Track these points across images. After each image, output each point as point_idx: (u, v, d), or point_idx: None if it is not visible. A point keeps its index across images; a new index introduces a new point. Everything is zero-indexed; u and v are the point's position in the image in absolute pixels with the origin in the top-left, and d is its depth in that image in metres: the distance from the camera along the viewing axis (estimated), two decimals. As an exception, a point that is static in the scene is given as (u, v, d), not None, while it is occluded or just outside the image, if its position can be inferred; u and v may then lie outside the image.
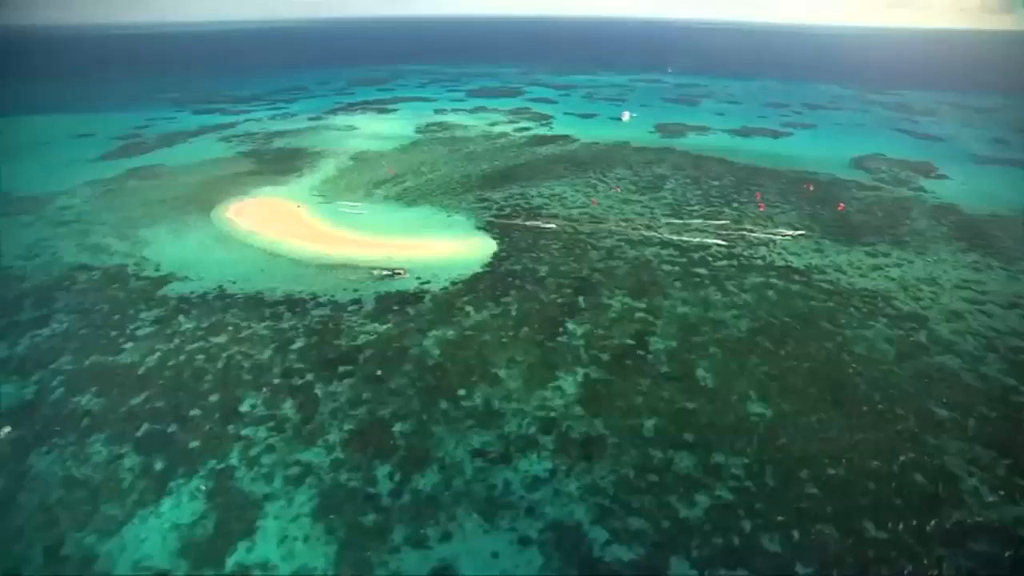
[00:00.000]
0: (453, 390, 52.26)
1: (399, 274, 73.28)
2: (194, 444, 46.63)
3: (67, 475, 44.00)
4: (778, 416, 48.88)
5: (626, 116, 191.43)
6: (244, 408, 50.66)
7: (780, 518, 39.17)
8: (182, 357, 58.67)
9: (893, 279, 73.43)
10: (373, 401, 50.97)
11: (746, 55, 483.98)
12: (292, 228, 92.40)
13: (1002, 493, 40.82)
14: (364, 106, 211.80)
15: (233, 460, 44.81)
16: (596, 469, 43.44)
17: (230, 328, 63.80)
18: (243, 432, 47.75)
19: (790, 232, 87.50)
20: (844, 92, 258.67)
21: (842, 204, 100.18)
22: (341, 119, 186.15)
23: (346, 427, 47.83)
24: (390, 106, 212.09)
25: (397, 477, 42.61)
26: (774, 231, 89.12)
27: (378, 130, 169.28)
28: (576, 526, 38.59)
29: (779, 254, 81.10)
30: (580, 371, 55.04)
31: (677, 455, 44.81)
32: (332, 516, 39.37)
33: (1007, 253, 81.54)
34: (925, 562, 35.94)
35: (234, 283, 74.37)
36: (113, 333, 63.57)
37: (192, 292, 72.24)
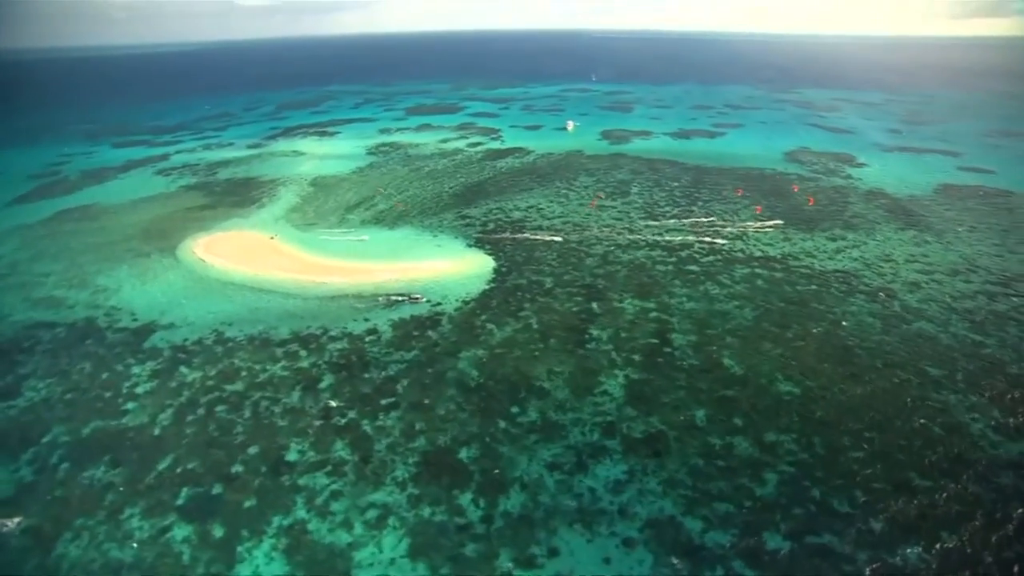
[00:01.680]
0: (505, 408, 52.56)
1: (416, 299, 72.11)
2: (250, 503, 43.59)
3: (110, 560, 39.62)
4: (806, 392, 53.75)
5: (571, 126, 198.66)
6: (292, 456, 47.98)
7: (840, 482, 43.33)
8: (200, 411, 54.41)
9: (855, 259, 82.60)
10: (428, 430, 50.13)
11: (661, 62, 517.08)
12: (273, 261, 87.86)
13: (1003, 433, 47.69)
14: (303, 130, 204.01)
15: (301, 513, 42.42)
16: (668, 463, 45.66)
17: (243, 374, 59.91)
18: (300, 482, 45.27)
19: (769, 223, 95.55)
20: (755, 93, 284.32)
21: (811, 198, 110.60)
22: (283, 144, 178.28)
23: (410, 460, 46.74)
24: (331, 129, 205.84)
25: (482, 503, 42.39)
26: (744, 224, 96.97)
27: (327, 153, 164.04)
28: (670, 520, 40.49)
29: (754, 245, 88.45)
30: (619, 373, 57.30)
31: (733, 440, 48.09)
32: (431, 553, 38.51)
33: (935, 227, 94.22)
34: (967, 500, 41.30)
35: (229, 325, 69.74)
36: (107, 394, 57.63)
37: (185, 340, 66.91)
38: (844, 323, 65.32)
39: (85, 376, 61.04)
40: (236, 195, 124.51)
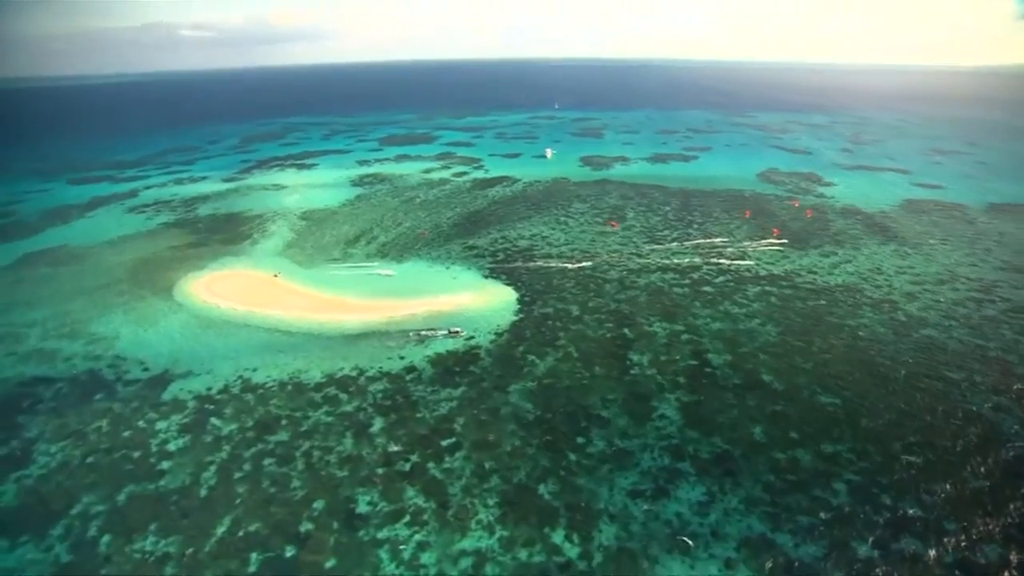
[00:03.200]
0: (571, 440, 52.61)
1: (456, 333, 71.33)
2: (331, 563, 41.36)
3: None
4: (846, 403, 56.78)
5: (549, 153, 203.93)
6: (363, 508, 46.01)
7: (904, 487, 45.82)
8: (246, 466, 51.44)
9: (852, 273, 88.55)
10: (500, 469, 49.42)
11: (616, 89, 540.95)
12: (285, 300, 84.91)
13: (1031, 429, 52.08)
14: (277, 162, 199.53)
15: (389, 569, 40.62)
16: (742, 481, 46.92)
17: (284, 423, 57.24)
18: (380, 535, 43.41)
19: (776, 242, 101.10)
20: (713, 117, 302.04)
21: (808, 210, 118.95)
22: (261, 178, 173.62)
23: (491, 502, 45.85)
24: (307, 161, 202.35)
25: (576, 539, 42.05)
26: (743, 244, 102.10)
27: (310, 186, 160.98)
28: (762, 537, 41.50)
29: (757, 264, 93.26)
30: (670, 397, 58.64)
31: (795, 453, 50.06)
32: (539, 595, 37.81)
33: (911, 241, 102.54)
34: (1008, 491, 44.66)
35: (254, 370, 66.65)
36: (135, 454, 53.61)
37: (209, 389, 63.35)
38: (860, 333, 69.69)
39: (104, 435, 56.57)
40: (223, 232, 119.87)
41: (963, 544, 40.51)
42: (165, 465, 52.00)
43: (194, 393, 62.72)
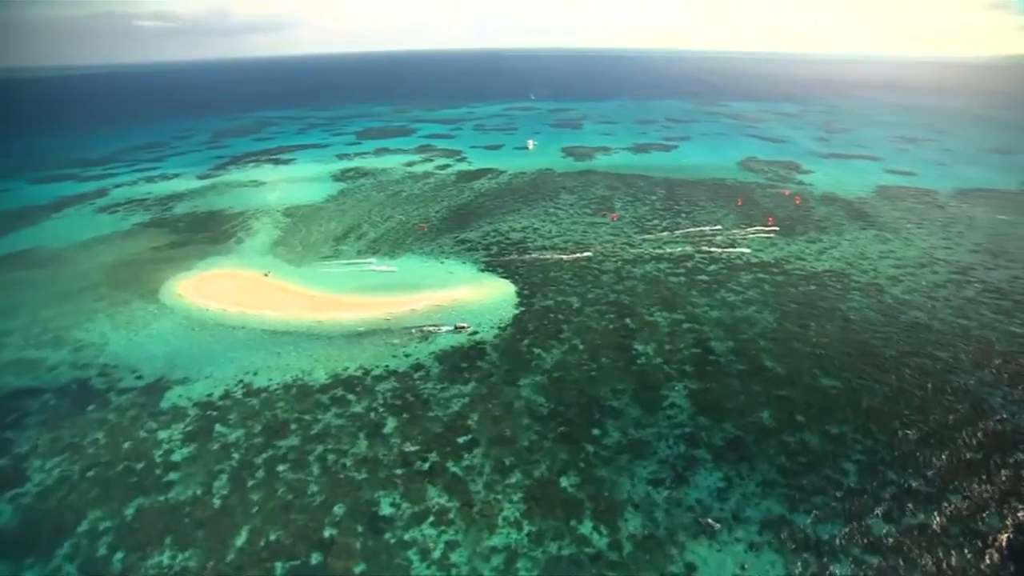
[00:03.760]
0: (586, 432, 53.12)
1: (462, 328, 70.83)
2: (360, 568, 40.84)
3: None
4: (846, 384, 58.93)
5: (531, 144, 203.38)
6: (386, 511, 45.53)
7: (908, 463, 47.93)
8: (259, 473, 50.24)
9: (838, 259, 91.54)
10: (520, 464, 49.55)
11: (591, 79, 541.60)
12: (278, 299, 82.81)
13: (1020, 405, 55.11)
14: (253, 158, 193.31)
15: (420, 570, 40.39)
16: (757, 466, 48.30)
17: (293, 426, 56.06)
18: (406, 537, 43.04)
19: (764, 229, 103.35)
20: (688, 106, 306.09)
21: (799, 197, 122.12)
22: (237, 174, 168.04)
23: (515, 497, 45.98)
24: (283, 156, 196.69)
25: (604, 529, 42.64)
26: (732, 232, 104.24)
27: (290, 181, 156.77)
28: (780, 518, 42.88)
29: (748, 251, 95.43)
30: (678, 385, 59.76)
31: (803, 436, 51.75)
32: (573, 587, 38.27)
33: (889, 226, 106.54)
34: (998, 459, 47.35)
35: (254, 374, 64.96)
36: (138, 466, 51.71)
37: (209, 395, 61.47)
38: (852, 317, 72.28)
39: (103, 448, 54.34)
40: (205, 231, 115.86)
41: (965, 513, 42.77)
42: (173, 476, 50.34)
43: (194, 400, 60.78)
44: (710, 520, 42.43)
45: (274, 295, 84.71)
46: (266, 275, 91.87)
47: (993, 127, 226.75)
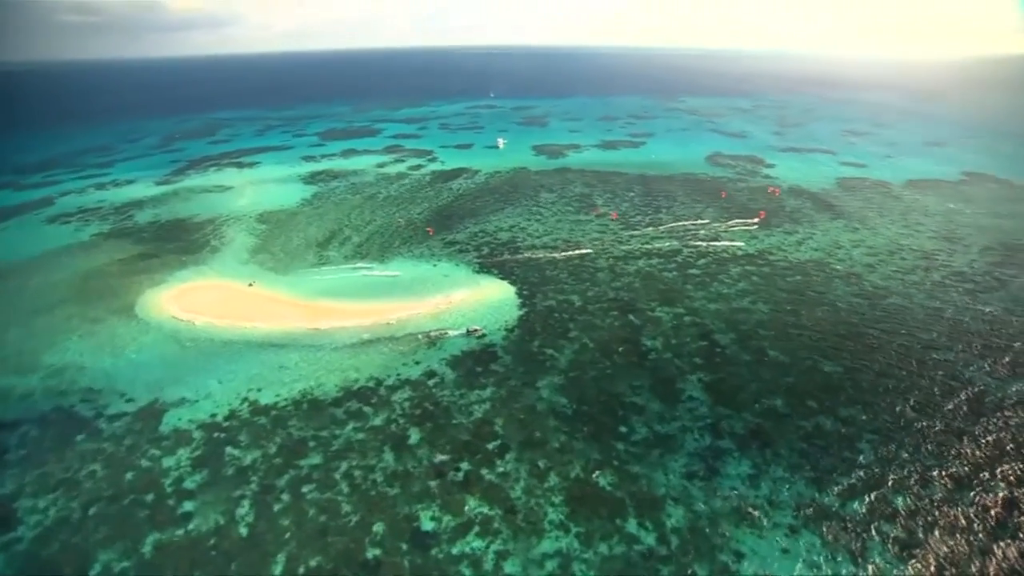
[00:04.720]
0: (613, 430, 53.76)
1: (475, 332, 69.81)
2: (410, 584, 39.91)
3: None
4: (846, 368, 62.35)
5: (501, 143, 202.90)
6: (427, 525, 44.48)
7: (914, 438, 51.30)
8: (284, 496, 48.01)
9: (816, 249, 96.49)
10: (555, 465, 49.61)
11: (547, 75, 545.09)
12: (268, 310, 79.13)
13: (998, 378, 59.93)
14: (212, 162, 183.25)
15: (472, 580, 39.86)
16: (780, 451, 50.38)
17: (311, 444, 53.84)
18: (454, 551, 42.23)
19: (746, 222, 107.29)
20: (647, 102, 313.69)
21: (776, 189, 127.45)
22: (199, 179, 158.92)
23: (556, 500, 45.99)
24: (245, 159, 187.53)
25: (649, 525, 43.37)
26: (714, 226, 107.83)
27: (258, 185, 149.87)
28: (813, 500, 44.93)
29: (732, 244, 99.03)
30: (691, 377, 61.42)
31: (818, 419, 54.39)
32: (630, 585, 38.72)
33: (855, 216, 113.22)
34: (990, 425, 51.57)
35: (259, 390, 61.96)
36: (148, 498, 48.37)
37: (213, 415, 58.14)
38: (839, 304, 76.48)
39: (102, 481, 50.45)
40: (175, 240, 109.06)
41: (975, 484, 46.24)
42: (189, 506, 47.31)
43: (197, 421, 57.31)
44: (751, 508, 43.92)
45: (264, 305, 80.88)
46: (251, 285, 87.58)
47: (928, 121, 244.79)
